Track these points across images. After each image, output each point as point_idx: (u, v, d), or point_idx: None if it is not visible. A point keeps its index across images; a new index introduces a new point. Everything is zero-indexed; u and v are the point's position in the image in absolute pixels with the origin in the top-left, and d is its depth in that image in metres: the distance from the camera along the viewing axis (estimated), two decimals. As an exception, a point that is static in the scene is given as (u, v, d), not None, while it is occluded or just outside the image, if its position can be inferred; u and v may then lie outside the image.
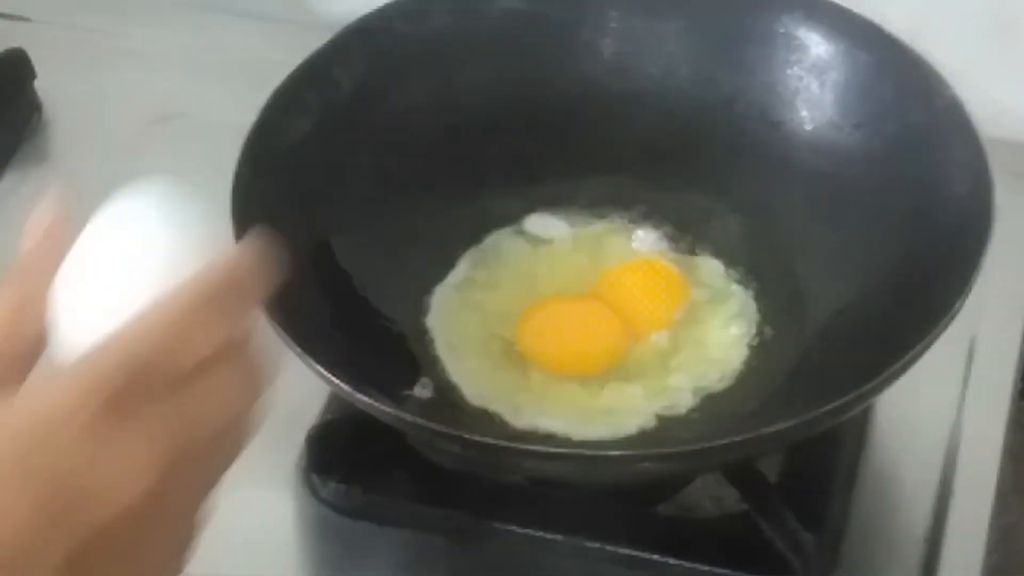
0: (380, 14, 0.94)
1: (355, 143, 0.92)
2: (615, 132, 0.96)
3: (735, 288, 0.92)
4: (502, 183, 0.95)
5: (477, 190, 0.95)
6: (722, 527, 0.85)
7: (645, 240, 0.94)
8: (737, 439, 0.77)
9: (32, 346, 0.61)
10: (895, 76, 0.90)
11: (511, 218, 0.95)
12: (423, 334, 0.91)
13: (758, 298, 0.91)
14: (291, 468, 0.89)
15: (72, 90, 1.11)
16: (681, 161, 0.95)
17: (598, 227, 0.95)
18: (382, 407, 0.78)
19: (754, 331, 0.90)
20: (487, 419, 0.87)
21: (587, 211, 0.95)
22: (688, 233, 0.94)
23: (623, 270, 0.93)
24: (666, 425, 0.86)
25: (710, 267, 0.93)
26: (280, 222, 0.87)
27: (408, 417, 0.79)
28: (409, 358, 0.89)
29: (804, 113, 0.94)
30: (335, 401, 0.90)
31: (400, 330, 0.90)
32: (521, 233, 0.95)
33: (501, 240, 0.95)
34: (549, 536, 0.85)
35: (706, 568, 0.83)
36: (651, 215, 0.95)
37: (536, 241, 0.95)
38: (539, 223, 0.95)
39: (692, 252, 0.94)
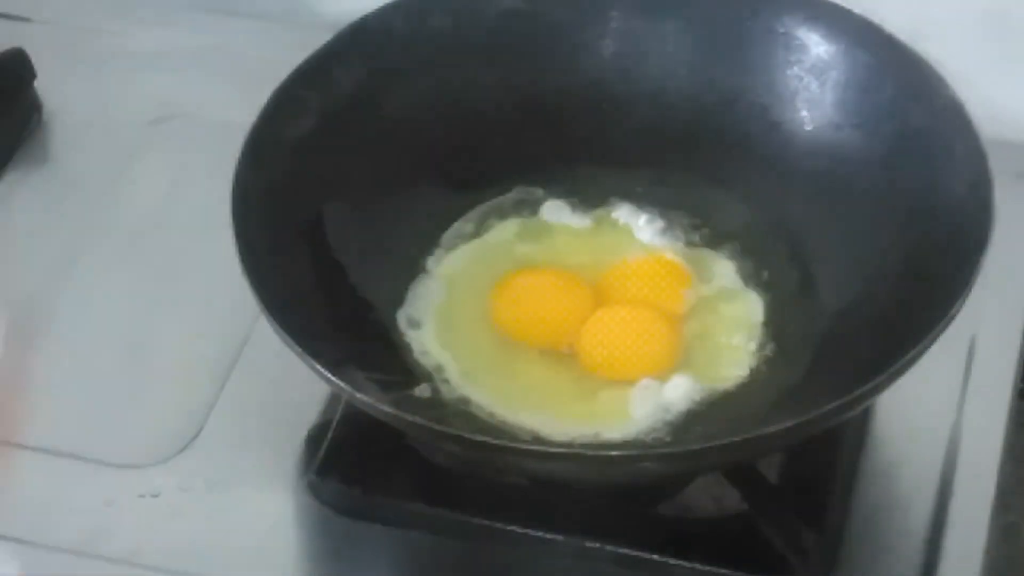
0: (380, 14, 0.94)
1: (355, 143, 0.92)
2: (615, 133, 0.96)
3: (739, 287, 0.92)
4: (501, 183, 0.96)
5: (477, 190, 0.95)
6: (722, 527, 0.85)
7: (645, 233, 0.94)
8: (737, 439, 0.77)
9: None
10: (895, 76, 0.90)
11: (513, 215, 0.95)
12: (423, 334, 0.91)
13: (761, 298, 0.91)
14: (291, 469, 0.89)
15: (72, 90, 1.11)
16: (681, 162, 0.95)
17: (597, 227, 0.95)
18: (382, 407, 0.78)
19: (756, 331, 0.90)
20: (486, 419, 0.87)
21: (587, 211, 0.95)
22: (689, 232, 0.94)
23: (626, 267, 0.93)
24: (667, 425, 0.86)
25: (714, 265, 0.93)
26: (280, 223, 0.88)
27: (408, 417, 0.79)
28: (409, 358, 0.89)
29: (804, 113, 0.94)
30: (335, 401, 0.90)
31: (401, 330, 0.90)
32: (521, 231, 0.95)
33: (501, 238, 0.95)
34: (549, 536, 0.85)
35: (706, 568, 0.83)
36: (649, 215, 0.95)
37: (536, 239, 0.95)
38: (551, 213, 0.95)
39: (694, 247, 0.94)
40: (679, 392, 0.87)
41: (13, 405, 0.94)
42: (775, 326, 0.90)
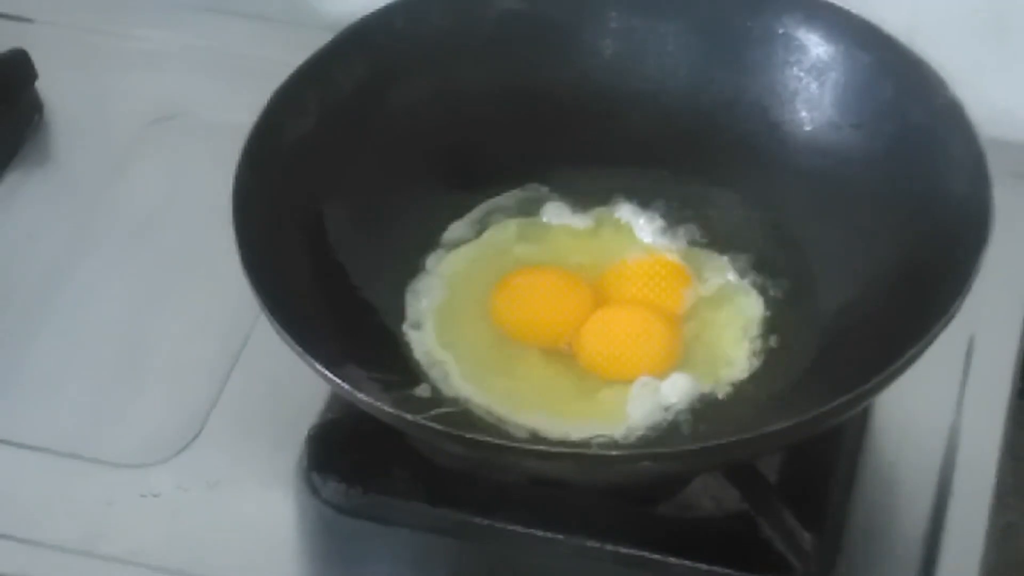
0: (380, 14, 0.94)
1: (355, 143, 0.92)
2: (615, 133, 0.96)
3: (739, 287, 0.92)
4: (501, 183, 0.96)
5: (477, 190, 0.96)
6: (722, 527, 0.85)
7: (645, 233, 0.94)
8: (737, 439, 0.77)
9: None
10: (895, 76, 0.90)
11: (513, 215, 0.95)
12: (424, 334, 0.91)
13: (760, 298, 0.91)
14: (291, 468, 0.89)
15: (73, 90, 1.11)
16: (681, 162, 0.95)
17: (597, 227, 0.95)
18: (382, 407, 0.78)
19: (756, 331, 0.90)
20: (486, 419, 0.87)
21: (587, 211, 0.96)
22: (689, 232, 0.94)
23: (626, 267, 0.93)
24: (667, 424, 0.86)
25: (713, 264, 0.93)
26: (280, 223, 0.88)
27: (408, 417, 0.79)
28: (409, 358, 0.90)
29: (804, 113, 0.94)
30: (335, 401, 0.90)
31: (401, 330, 0.91)
32: (521, 231, 0.95)
33: (501, 238, 0.95)
34: (549, 536, 0.85)
35: (706, 568, 0.84)
36: (649, 215, 0.95)
37: (536, 239, 0.95)
38: (551, 213, 0.95)
39: (694, 247, 0.94)
40: (678, 391, 0.87)
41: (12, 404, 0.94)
42: (775, 326, 0.90)
